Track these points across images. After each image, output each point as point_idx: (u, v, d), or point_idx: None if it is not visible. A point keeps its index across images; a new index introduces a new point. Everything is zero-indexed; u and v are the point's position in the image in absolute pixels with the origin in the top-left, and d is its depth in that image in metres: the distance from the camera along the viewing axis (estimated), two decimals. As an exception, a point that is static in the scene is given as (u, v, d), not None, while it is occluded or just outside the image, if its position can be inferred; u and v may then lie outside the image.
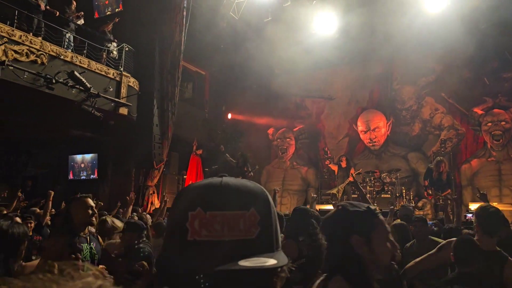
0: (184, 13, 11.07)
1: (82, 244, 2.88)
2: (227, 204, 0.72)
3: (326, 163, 12.65)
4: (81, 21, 9.83)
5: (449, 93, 12.19)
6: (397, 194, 10.83)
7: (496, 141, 11.32)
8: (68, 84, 8.39)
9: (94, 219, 3.20)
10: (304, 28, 12.39)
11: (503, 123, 11.29)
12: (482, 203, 5.84)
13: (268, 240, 0.74)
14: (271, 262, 0.70)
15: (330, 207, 10.51)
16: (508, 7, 10.44)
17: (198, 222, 0.70)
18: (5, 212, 6.28)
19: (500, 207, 9.61)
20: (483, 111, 11.68)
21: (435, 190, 9.03)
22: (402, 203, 10.54)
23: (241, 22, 12.12)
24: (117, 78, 9.95)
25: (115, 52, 10.24)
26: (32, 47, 8.12)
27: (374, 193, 10.97)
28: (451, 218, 5.58)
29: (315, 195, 7.91)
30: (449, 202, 9.28)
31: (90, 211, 2.94)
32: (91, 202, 3.00)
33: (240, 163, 11.69)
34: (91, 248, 2.95)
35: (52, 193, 5.11)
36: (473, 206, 9.37)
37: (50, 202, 5.24)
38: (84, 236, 2.94)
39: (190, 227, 0.71)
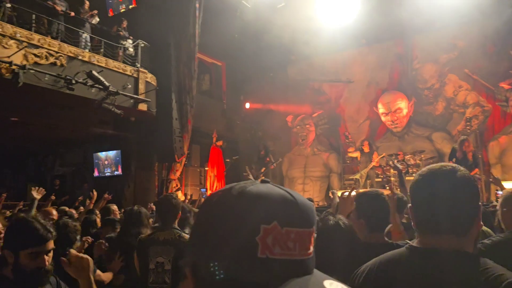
0: (197, 5, 11.03)
1: None
2: (303, 221, 0.68)
3: (348, 150, 12.49)
4: (96, 20, 9.91)
5: (473, 69, 11.82)
6: (422, 176, 10.62)
7: (525, 116, 10.95)
8: (88, 84, 8.51)
9: None
10: (318, 11, 12.16)
11: (531, 96, 10.91)
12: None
13: (314, 256, 0.72)
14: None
15: (353, 192, 10.40)
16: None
17: (272, 238, 0.65)
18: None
19: (531, 184, 9.35)
20: (510, 85, 11.28)
21: None
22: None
23: (254, 10, 11.98)
24: (135, 75, 10.03)
25: (131, 49, 10.31)
26: (51, 50, 8.25)
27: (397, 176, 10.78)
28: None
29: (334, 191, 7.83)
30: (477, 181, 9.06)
31: None
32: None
33: (263, 154, 11.71)
34: None
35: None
36: (506, 185, 9.12)
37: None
38: None
39: (261, 242, 0.64)
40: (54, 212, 4.52)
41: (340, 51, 13.64)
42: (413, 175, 9.43)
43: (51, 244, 1.92)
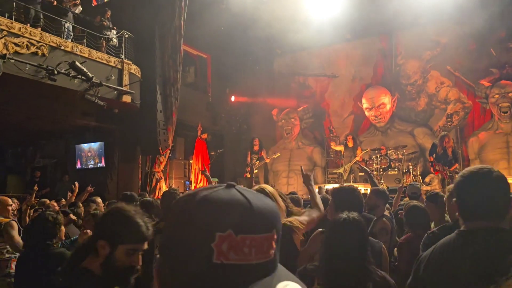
0: (183, -4, 10.93)
1: None
2: (258, 227, 0.70)
3: (331, 144, 12.60)
4: (79, 9, 9.74)
5: (455, 66, 12.02)
6: (404, 171, 10.81)
7: (504, 113, 11.19)
8: (70, 75, 8.38)
9: None
10: (303, 5, 12.17)
11: (510, 94, 11.14)
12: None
13: (277, 256, 0.75)
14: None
15: (336, 186, 10.53)
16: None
17: (227, 244, 0.68)
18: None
19: (509, 179, 9.58)
20: (490, 83, 11.51)
21: (442, 165, 8.99)
22: (409, 179, 10.54)
23: (241, 2, 11.92)
24: (119, 66, 9.91)
25: (115, 40, 10.17)
26: (32, 39, 8.08)
27: (381, 170, 10.95)
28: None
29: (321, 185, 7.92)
30: (456, 176, 9.26)
31: None
32: None
33: (257, 149, 11.76)
34: None
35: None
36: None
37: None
38: None
39: (216, 249, 0.68)
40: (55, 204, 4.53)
41: (326, 45, 13.71)
42: (395, 169, 9.58)
43: (146, 244, 1.78)
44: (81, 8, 9.83)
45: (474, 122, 11.83)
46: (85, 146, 12.20)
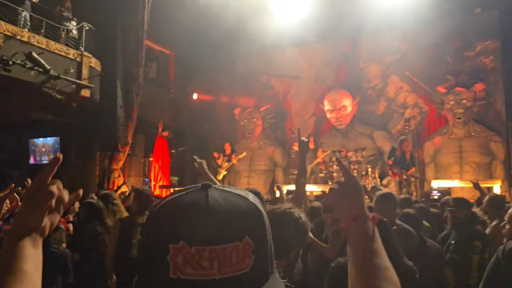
0: (147, -10, 10.66)
1: None
2: (217, 236, 0.61)
3: (294, 145, 12.72)
4: None
5: (414, 71, 12.45)
6: (363, 173, 11.08)
7: (458, 119, 11.69)
8: (26, 66, 7.97)
9: None
10: (269, 5, 12.21)
11: (464, 101, 11.65)
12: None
13: (263, 267, 0.65)
14: None
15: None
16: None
17: (181, 257, 0.60)
18: None
19: (461, 183, 10.07)
20: (446, 89, 12.00)
21: (400, 169, 9.30)
22: (367, 181, 10.81)
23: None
24: (78, 59, 9.54)
25: (74, 32, 9.78)
26: (-15, 27, 7.63)
27: (341, 172, 11.15)
28: (415, 195, 5.77)
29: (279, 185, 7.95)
30: (412, 179, 9.61)
31: None
32: None
33: (229, 152, 11.91)
34: None
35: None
36: (436, 184, 9.74)
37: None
38: None
39: (172, 262, 0.60)
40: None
41: (290, 47, 13.80)
42: (355, 171, 9.80)
43: None
44: None
45: (430, 127, 12.31)
46: (39, 140, 11.68)
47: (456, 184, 9.82)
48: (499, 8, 11.26)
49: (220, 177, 11.90)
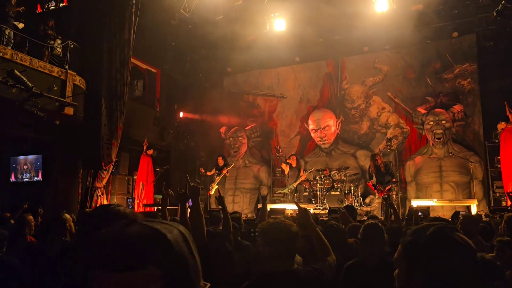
0: (133, 9, 10.78)
1: None
2: (121, 263, 0.62)
3: (282, 164, 12.84)
4: (21, 25, 9.36)
5: (395, 92, 12.74)
6: (346, 191, 11.18)
7: (437, 139, 11.93)
8: (8, 83, 7.97)
9: None
10: (255, 27, 12.45)
11: (443, 122, 11.91)
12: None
13: None
14: None
15: (282, 205, 10.67)
16: (448, 12, 11.10)
17: (97, 285, 0.62)
18: None
19: (441, 202, 10.22)
20: (426, 110, 12.26)
21: (381, 184, 9.41)
22: (350, 199, 10.90)
23: (193, 19, 11.98)
24: (62, 77, 9.55)
25: (58, 49, 9.82)
26: (-33, 44, 7.64)
27: (324, 190, 11.25)
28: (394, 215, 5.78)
29: (265, 193, 8.01)
30: (394, 188, 9.82)
31: None
32: None
33: (222, 164, 12.03)
34: None
35: None
36: (415, 203, 9.88)
37: None
38: None
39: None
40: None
41: (275, 66, 14.09)
42: (338, 190, 9.88)
43: None
44: (23, 25, 9.43)
45: (411, 146, 12.52)
46: (21, 158, 11.55)
47: (432, 203, 10.01)
48: (476, 32, 11.65)
49: (212, 192, 11.98)
